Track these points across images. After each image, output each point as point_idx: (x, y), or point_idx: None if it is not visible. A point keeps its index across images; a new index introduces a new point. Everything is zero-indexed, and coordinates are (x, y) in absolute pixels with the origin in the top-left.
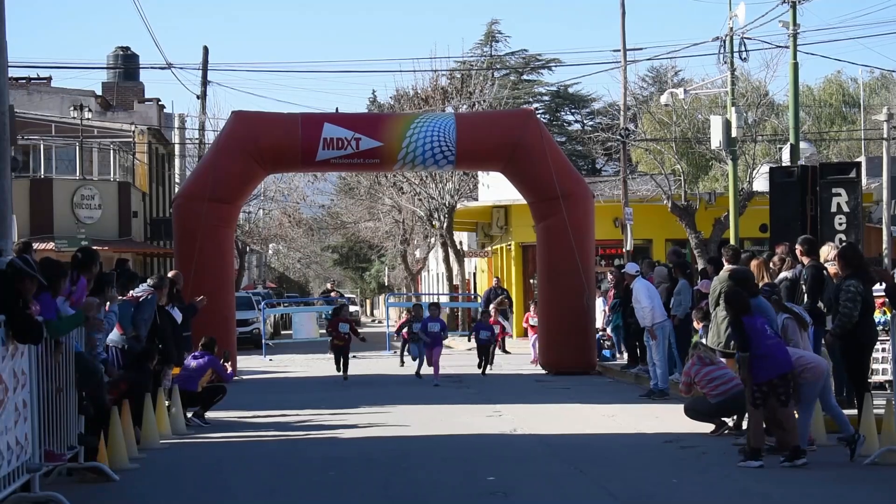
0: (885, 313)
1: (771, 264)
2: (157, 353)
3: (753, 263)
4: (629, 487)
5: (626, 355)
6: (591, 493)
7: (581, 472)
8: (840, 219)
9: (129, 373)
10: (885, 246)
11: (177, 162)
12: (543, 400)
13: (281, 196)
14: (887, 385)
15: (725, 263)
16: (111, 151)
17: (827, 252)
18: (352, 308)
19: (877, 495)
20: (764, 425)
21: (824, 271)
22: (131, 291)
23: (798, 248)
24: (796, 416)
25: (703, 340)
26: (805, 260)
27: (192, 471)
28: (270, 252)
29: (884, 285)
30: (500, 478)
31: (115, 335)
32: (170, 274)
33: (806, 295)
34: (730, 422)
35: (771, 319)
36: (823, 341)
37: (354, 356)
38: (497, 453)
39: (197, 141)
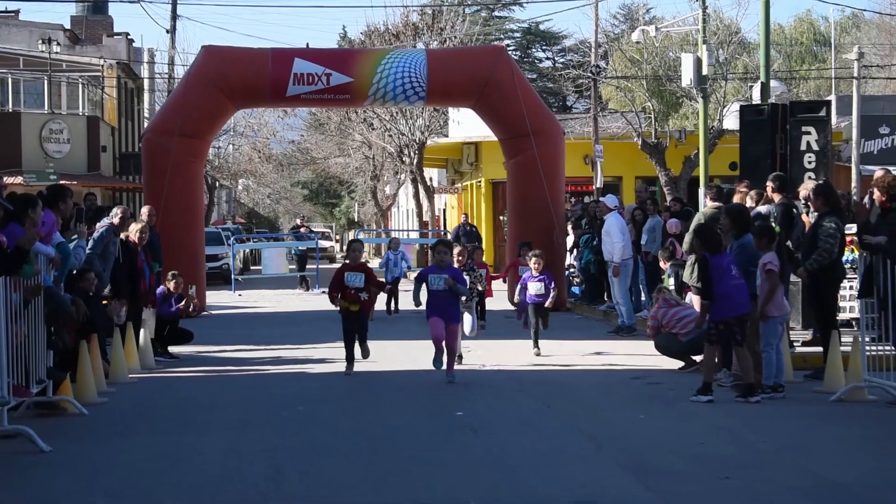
0: (852, 251)
1: (748, 199)
2: (96, 280)
3: (738, 197)
4: (597, 423)
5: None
6: (559, 429)
7: (549, 407)
8: (809, 157)
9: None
10: (853, 185)
11: (146, 97)
12: (513, 336)
13: (251, 131)
14: (854, 323)
15: (708, 201)
16: (80, 86)
17: (808, 190)
18: (326, 243)
19: (841, 431)
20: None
21: (794, 209)
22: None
23: (769, 184)
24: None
25: (672, 280)
26: (775, 197)
27: (160, 405)
28: (240, 187)
29: (854, 226)
30: (470, 414)
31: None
32: (143, 209)
33: None
34: (699, 359)
35: (749, 258)
36: (794, 275)
37: (324, 291)
38: (466, 389)
39: (166, 76)
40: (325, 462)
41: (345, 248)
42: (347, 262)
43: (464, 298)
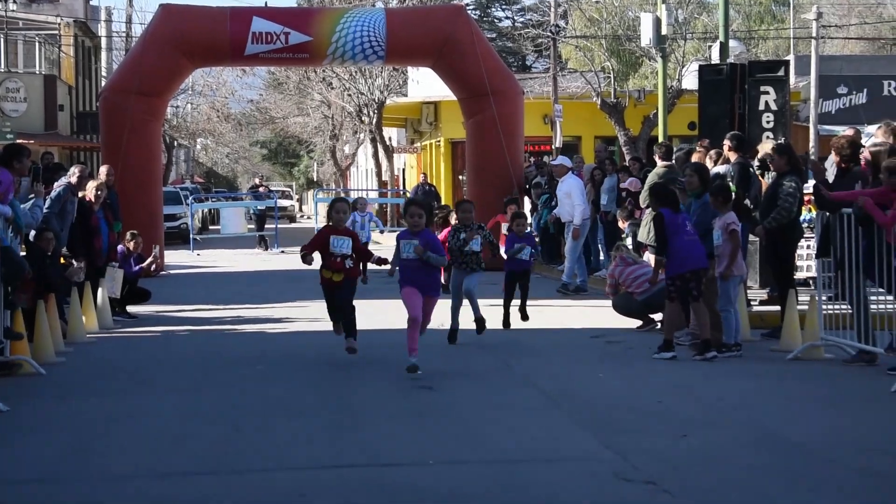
0: (810, 211)
1: (708, 158)
2: (53, 239)
3: (697, 156)
4: (556, 381)
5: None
6: (518, 388)
7: (508, 366)
8: (768, 117)
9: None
10: (811, 145)
11: (103, 55)
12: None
13: (209, 90)
14: (811, 282)
15: (658, 160)
16: (36, 44)
17: (766, 149)
18: (285, 203)
19: (798, 389)
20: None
21: (751, 168)
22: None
23: (726, 143)
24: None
25: (630, 239)
26: (732, 156)
27: (118, 365)
28: (198, 147)
29: (811, 182)
30: (428, 372)
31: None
32: (101, 169)
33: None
34: (657, 318)
35: (711, 215)
36: (752, 234)
37: (283, 251)
38: (425, 348)
39: (124, 34)
40: (282, 420)
41: (302, 207)
42: (331, 224)
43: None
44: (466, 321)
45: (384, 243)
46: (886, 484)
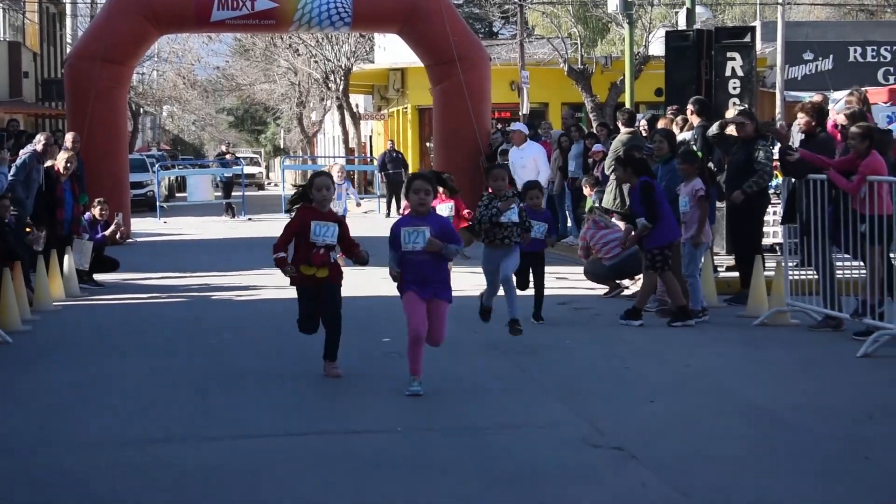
0: (776, 177)
1: (674, 125)
2: (10, 206)
3: (664, 122)
4: (522, 347)
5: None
6: (485, 354)
7: (475, 332)
8: (734, 83)
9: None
10: (778, 111)
11: (69, 22)
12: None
13: (175, 57)
14: (777, 248)
15: (622, 127)
16: (0, 10)
17: (731, 114)
18: (254, 169)
19: (765, 354)
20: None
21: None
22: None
23: (689, 108)
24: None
25: (597, 205)
26: (695, 120)
27: (85, 332)
28: (165, 114)
29: (777, 147)
30: (396, 339)
31: None
32: (67, 136)
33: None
34: (627, 283)
35: (678, 182)
36: (729, 200)
37: (250, 219)
38: (392, 315)
39: (89, 0)
40: (250, 387)
41: (269, 174)
42: (313, 205)
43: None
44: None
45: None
46: (852, 449)
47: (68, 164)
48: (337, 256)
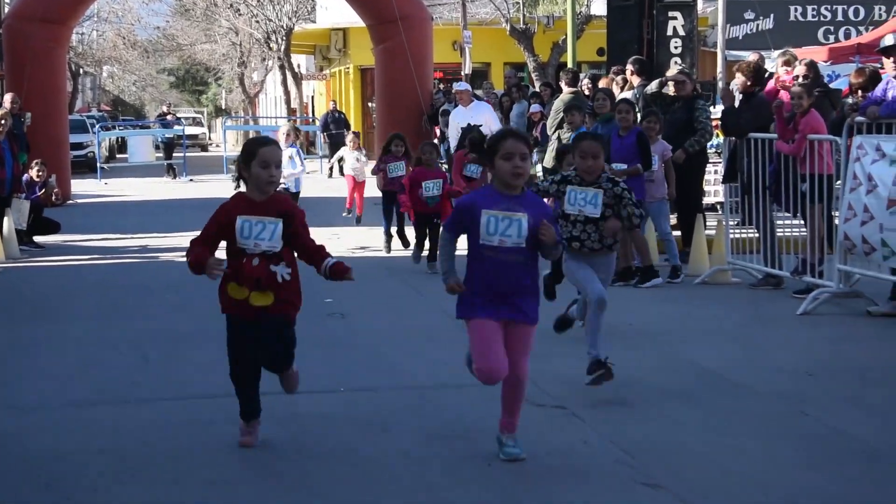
0: (717, 136)
1: (614, 84)
2: None
3: (605, 81)
4: None
5: None
6: (426, 312)
7: (418, 292)
8: (676, 42)
9: None
10: (719, 70)
11: None
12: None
13: (115, 17)
14: (718, 207)
15: (564, 87)
16: None
17: (672, 73)
18: (196, 130)
19: (707, 313)
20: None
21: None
22: None
23: (629, 68)
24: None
25: (539, 166)
26: (635, 80)
27: (24, 295)
28: (105, 75)
29: (718, 108)
30: (338, 299)
31: None
32: (6, 97)
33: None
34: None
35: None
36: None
37: (192, 179)
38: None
39: None
40: (191, 349)
41: (211, 135)
42: (244, 191)
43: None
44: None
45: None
46: (792, 405)
47: (2, 122)
48: (288, 275)
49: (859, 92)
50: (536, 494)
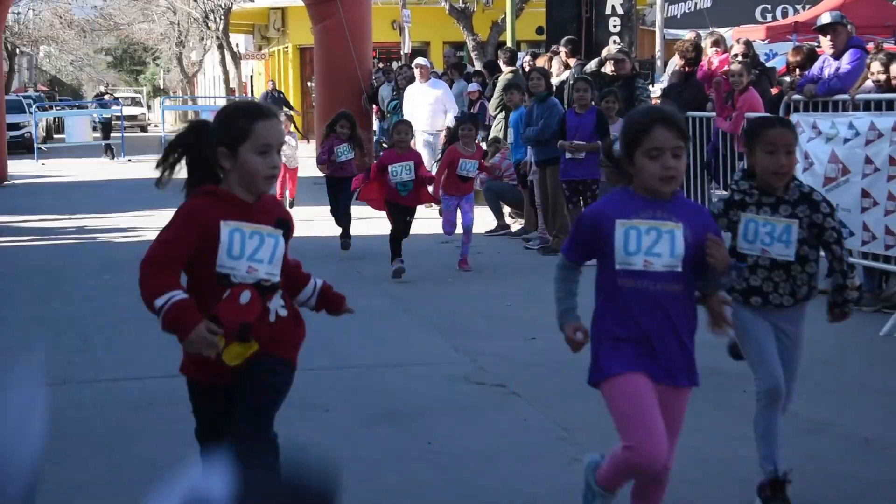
0: None
1: (559, 63)
2: None
3: (542, 60)
4: (407, 287)
5: None
6: (369, 293)
7: (359, 273)
8: (614, 21)
9: None
10: (657, 48)
11: None
12: (325, 202)
13: None
14: None
15: (503, 66)
16: None
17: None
18: (136, 111)
19: None
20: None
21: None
22: None
23: (562, 50)
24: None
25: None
26: (571, 61)
27: None
28: (41, 54)
29: (658, 86)
30: None
31: None
32: None
33: None
34: (509, 221)
35: (553, 121)
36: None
37: (130, 160)
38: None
39: None
40: (131, 330)
41: (149, 115)
42: (216, 186)
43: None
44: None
45: None
46: (731, 382)
47: None
48: (284, 311)
49: (797, 70)
50: (477, 473)
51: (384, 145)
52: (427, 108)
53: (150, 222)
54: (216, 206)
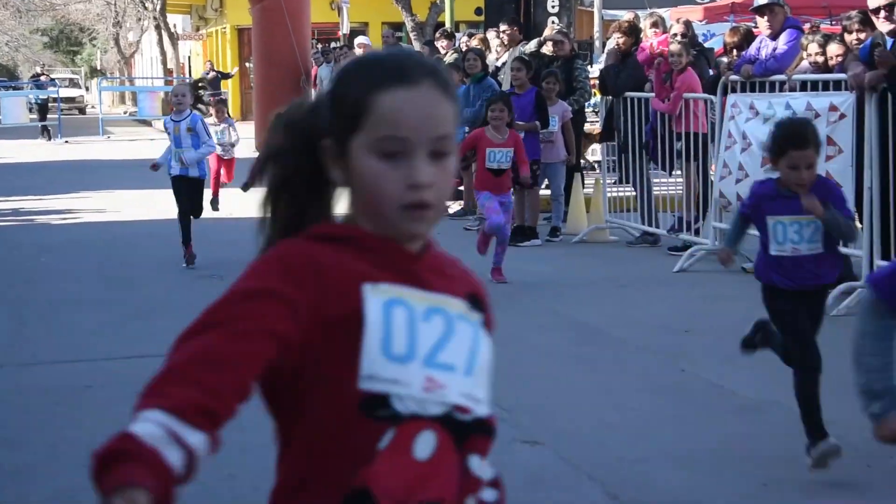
0: (594, 95)
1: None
2: None
3: (477, 40)
4: None
5: None
6: None
7: None
8: (553, 2)
9: None
10: (596, 29)
11: None
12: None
13: None
14: (596, 166)
15: (441, 47)
16: None
17: (551, 33)
18: (74, 92)
19: (585, 271)
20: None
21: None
22: None
23: (504, 29)
24: None
25: None
26: (506, 39)
27: None
28: None
29: (597, 66)
30: (216, 261)
31: None
32: None
33: None
34: (449, 202)
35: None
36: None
37: (67, 141)
38: (208, 236)
39: None
40: (70, 312)
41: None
42: (347, 240)
43: None
44: None
45: None
46: (670, 361)
47: None
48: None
49: (734, 51)
50: None
51: None
52: None
53: (87, 204)
54: (352, 259)
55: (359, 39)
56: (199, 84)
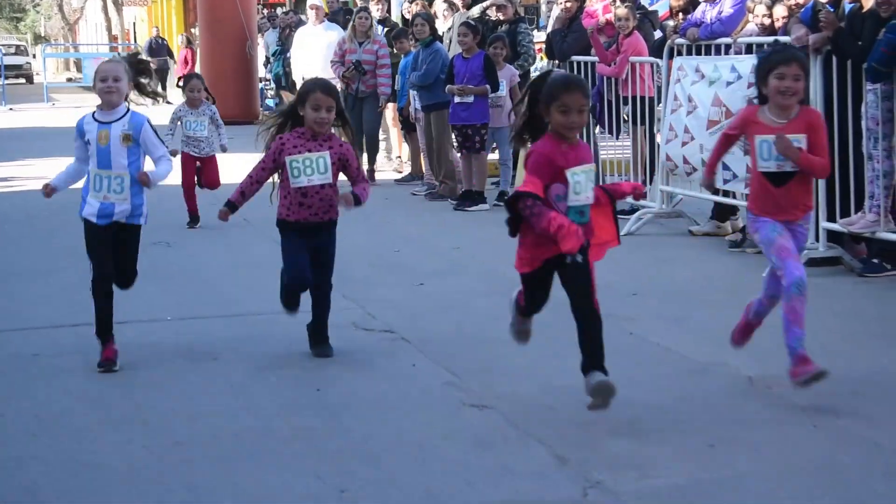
0: (542, 59)
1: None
2: None
3: (419, 4)
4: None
5: None
6: (257, 244)
7: (247, 222)
8: None
9: None
10: None
11: None
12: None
13: None
14: None
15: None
16: None
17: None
18: (20, 60)
19: None
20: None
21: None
22: None
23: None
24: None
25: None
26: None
27: None
28: None
29: (541, 32)
30: (164, 228)
31: None
32: None
33: None
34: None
35: (437, 66)
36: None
37: (11, 108)
38: (161, 207)
39: None
40: (19, 281)
41: None
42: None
43: None
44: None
45: None
46: (618, 325)
47: None
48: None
49: (679, 14)
50: (366, 419)
51: (269, 92)
52: (321, 53)
53: (31, 171)
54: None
55: (312, 1)
56: (139, 60)
